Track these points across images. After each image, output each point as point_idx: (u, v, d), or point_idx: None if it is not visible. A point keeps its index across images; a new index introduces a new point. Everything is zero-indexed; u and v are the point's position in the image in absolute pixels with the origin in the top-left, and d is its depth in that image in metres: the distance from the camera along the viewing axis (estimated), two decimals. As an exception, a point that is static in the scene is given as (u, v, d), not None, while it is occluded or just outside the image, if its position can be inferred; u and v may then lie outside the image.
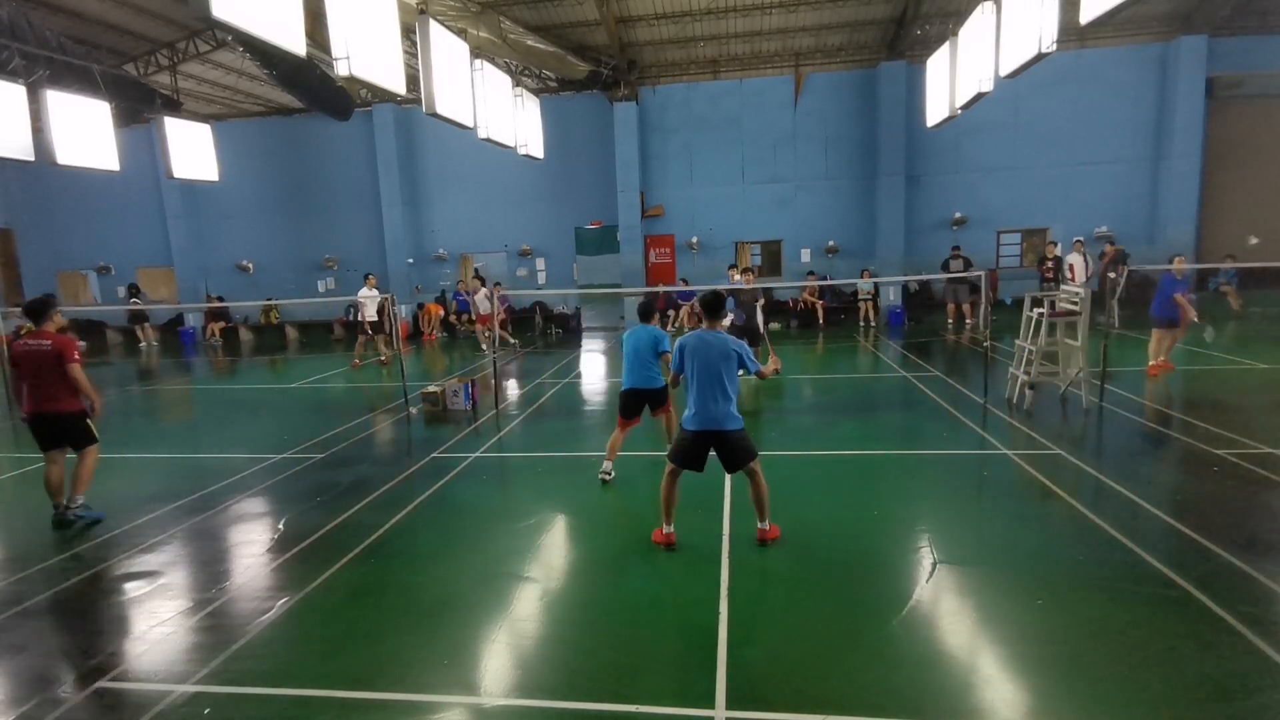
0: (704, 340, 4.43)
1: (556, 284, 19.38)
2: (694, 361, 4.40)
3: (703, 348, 4.40)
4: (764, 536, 4.61)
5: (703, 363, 4.37)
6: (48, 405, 5.44)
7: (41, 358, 5.35)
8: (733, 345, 4.41)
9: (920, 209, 17.67)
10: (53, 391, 5.41)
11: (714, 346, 4.39)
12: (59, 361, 5.35)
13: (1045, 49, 8.16)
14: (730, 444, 4.42)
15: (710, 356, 4.36)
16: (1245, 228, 16.26)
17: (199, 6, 6.04)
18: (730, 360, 4.37)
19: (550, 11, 15.06)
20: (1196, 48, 15.77)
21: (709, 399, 4.36)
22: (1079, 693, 3.03)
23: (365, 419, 9.03)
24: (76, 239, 21.31)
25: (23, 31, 12.47)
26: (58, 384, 5.39)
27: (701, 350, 4.40)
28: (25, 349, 5.41)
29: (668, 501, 4.60)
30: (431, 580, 4.43)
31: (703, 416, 4.39)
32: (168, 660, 3.58)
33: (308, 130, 19.79)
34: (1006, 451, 6.52)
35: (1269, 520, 4.81)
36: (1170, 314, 9.12)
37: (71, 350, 5.42)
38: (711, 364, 4.35)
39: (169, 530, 5.45)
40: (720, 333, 4.50)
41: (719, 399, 4.36)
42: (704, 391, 4.37)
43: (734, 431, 4.40)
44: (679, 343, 4.56)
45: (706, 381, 4.37)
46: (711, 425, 4.38)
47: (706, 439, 4.43)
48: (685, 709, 3.05)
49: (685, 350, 4.47)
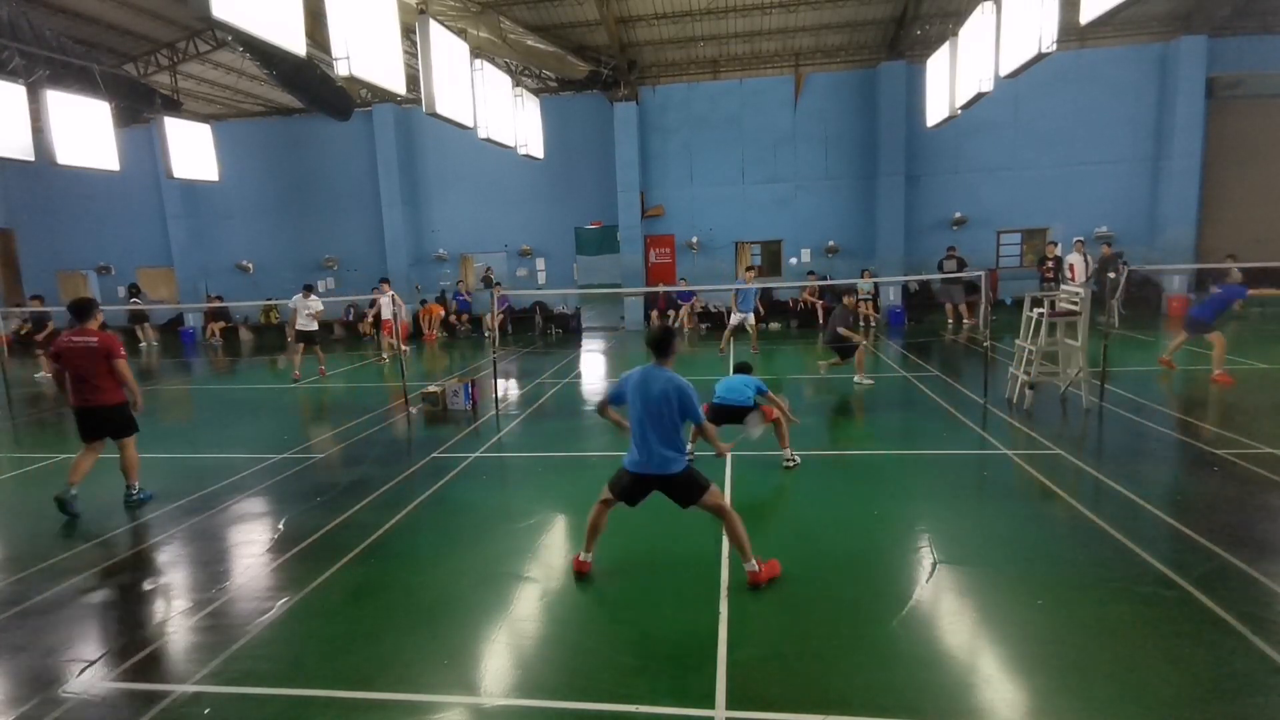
0: (648, 378, 4.05)
1: (556, 284, 19.38)
2: (635, 399, 4.06)
3: (644, 386, 4.03)
4: (755, 580, 4.04)
5: (643, 402, 4.01)
6: (94, 398, 5.71)
7: (89, 353, 5.64)
8: (674, 388, 3.99)
9: (920, 209, 17.67)
10: (99, 384, 5.68)
11: (656, 386, 4.00)
12: (106, 357, 5.65)
13: (1045, 49, 8.15)
14: (675, 486, 4.10)
15: (651, 397, 3.99)
16: (1245, 228, 16.25)
17: (199, 6, 6.04)
18: (670, 404, 3.97)
19: (550, 11, 15.06)
20: (1196, 48, 15.78)
21: (649, 441, 4.01)
22: (1079, 693, 3.03)
23: (365, 419, 9.03)
24: (76, 239, 21.31)
25: (23, 31, 12.47)
26: (104, 378, 5.68)
27: (643, 389, 4.03)
28: (71, 345, 5.65)
29: (593, 528, 4.34)
30: (431, 580, 4.43)
31: (642, 459, 4.05)
32: (168, 660, 3.58)
33: (308, 130, 19.80)
34: (1006, 451, 6.52)
35: (1269, 520, 4.81)
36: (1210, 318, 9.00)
37: (118, 347, 5.74)
38: (652, 405, 3.98)
39: (169, 530, 5.46)
40: (667, 372, 4.08)
41: (658, 442, 4.00)
42: (644, 433, 4.02)
43: (676, 475, 4.06)
44: (624, 376, 4.20)
45: (646, 422, 4.01)
46: (651, 470, 4.05)
47: (647, 482, 4.13)
48: (685, 709, 3.05)
49: (628, 385, 4.13)
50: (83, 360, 5.64)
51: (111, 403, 5.79)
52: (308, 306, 12.03)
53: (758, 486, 5.94)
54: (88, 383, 5.67)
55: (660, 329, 4.28)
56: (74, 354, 5.64)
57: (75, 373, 5.66)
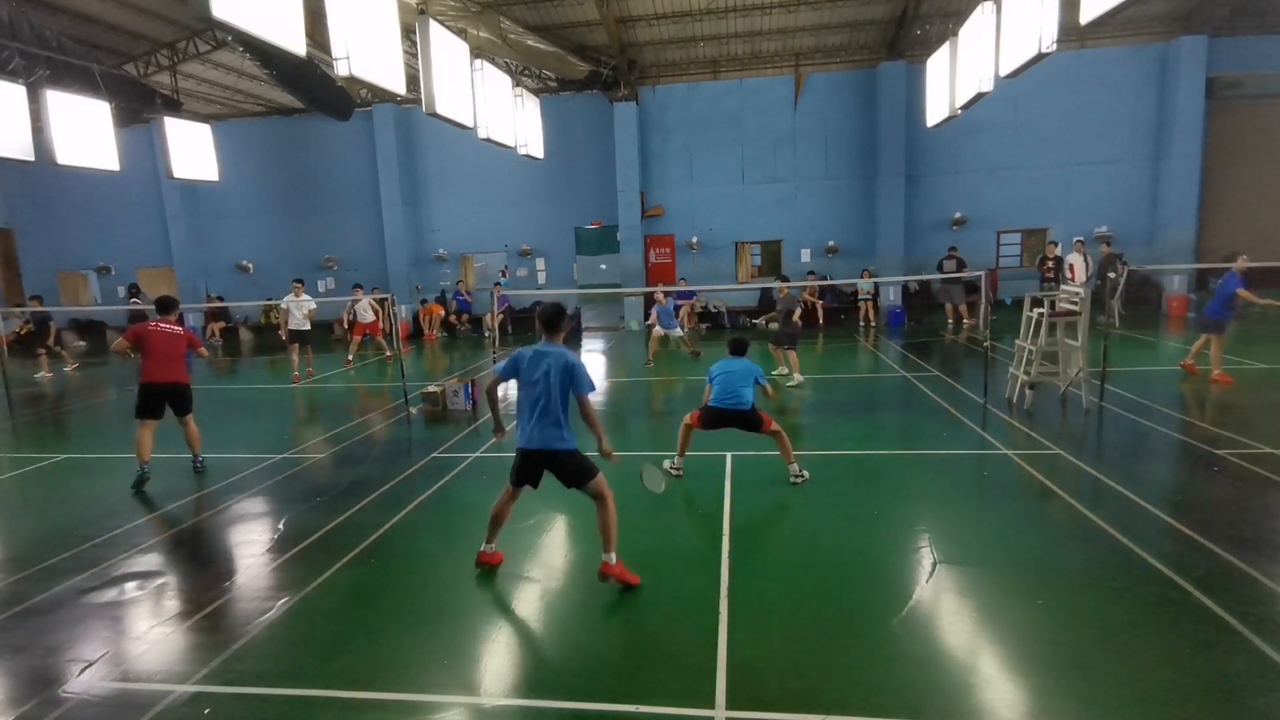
0: (539, 354, 4.11)
1: (556, 284, 19.38)
2: (526, 376, 4.11)
3: (536, 362, 4.10)
4: (606, 571, 4.08)
5: (533, 379, 4.08)
6: (171, 376, 6.64)
7: (174, 340, 6.69)
8: (567, 361, 4.07)
9: (920, 209, 17.67)
10: (177, 367, 6.71)
11: (546, 362, 4.07)
12: (189, 345, 6.84)
13: (1045, 49, 8.16)
14: (563, 464, 4.15)
15: (541, 373, 4.06)
16: (1245, 228, 16.25)
17: (199, 6, 6.04)
18: (563, 376, 4.04)
19: (550, 11, 15.06)
20: (1196, 48, 15.78)
21: (538, 417, 4.08)
22: (1079, 693, 3.03)
23: (365, 419, 9.03)
24: (76, 239, 21.32)
25: (23, 31, 12.47)
26: (180, 361, 6.77)
27: (533, 366, 4.10)
28: (159, 331, 6.63)
29: (497, 519, 4.41)
30: (431, 580, 4.43)
31: (532, 435, 4.11)
32: (168, 660, 3.58)
33: (308, 130, 19.80)
34: (1006, 451, 6.52)
35: (1269, 520, 4.81)
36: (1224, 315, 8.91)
37: (198, 342, 6.99)
38: (542, 381, 4.06)
39: (169, 530, 5.46)
40: (557, 347, 4.15)
41: (547, 417, 4.07)
42: (533, 409, 4.10)
43: (564, 452, 4.11)
44: (516, 352, 4.24)
45: (536, 398, 4.08)
46: (540, 445, 4.10)
47: (537, 458, 4.17)
48: (685, 709, 3.05)
49: (521, 362, 4.16)
50: (167, 344, 6.61)
51: (185, 381, 6.78)
52: (300, 305, 12.00)
53: (758, 486, 5.93)
54: (169, 364, 6.61)
55: (551, 305, 4.27)
56: (159, 338, 6.59)
57: (157, 354, 6.55)
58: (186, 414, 6.84)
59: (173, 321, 6.77)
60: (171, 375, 6.63)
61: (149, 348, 6.54)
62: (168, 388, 6.62)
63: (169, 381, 6.62)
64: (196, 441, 6.94)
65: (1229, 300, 8.87)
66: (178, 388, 6.70)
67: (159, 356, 6.55)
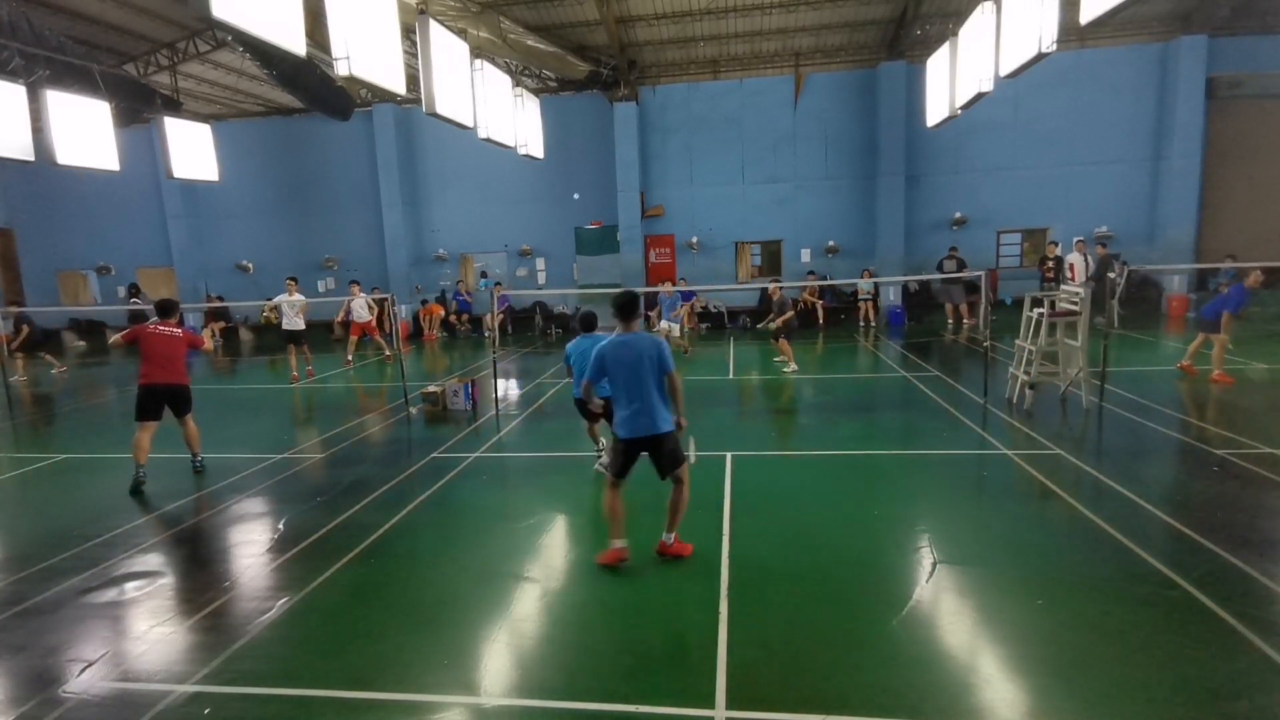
0: (625, 344, 4.24)
1: (556, 284, 19.38)
2: (617, 369, 4.23)
3: (625, 352, 4.22)
4: (664, 549, 4.42)
5: (628, 368, 4.19)
6: (169, 378, 6.61)
7: (174, 343, 6.66)
8: (656, 344, 4.26)
9: (920, 209, 17.67)
10: (176, 368, 6.67)
11: (636, 349, 4.21)
12: (190, 345, 6.84)
13: (1045, 49, 8.15)
14: (663, 445, 4.28)
15: (634, 360, 4.19)
16: (1245, 228, 16.25)
17: (199, 6, 6.04)
18: (655, 361, 4.20)
19: (550, 11, 15.06)
20: (1196, 48, 15.78)
21: (641, 404, 4.19)
22: (1079, 693, 3.03)
23: (365, 419, 9.03)
24: (76, 239, 21.31)
25: (23, 31, 12.47)
26: (179, 362, 6.71)
27: (625, 355, 4.22)
28: (159, 333, 6.60)
29: (615, 515, 4.40)
30: (431, 580, 4.43)
31: (638, 423, 4.21)
32: (168, 660, 3.58)
33: (308, 130, 19.80)
34: (1006, 451, 6.52)
35: (1269, 520, 4.81)
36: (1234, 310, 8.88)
37: (199, 340, 7.03)
38: (637, 367, 4.18)
39: (169, 530, 5.46)
40: (641, 334, 4.31)
41: (649, 402, 4.20)
42: (632, 397, 4.20)
43: (668, 434, 4.26)
44: (597, 351, 4.34)
45: (635, 387, 4.20)
46: (647, 431, 4.22)
47: (642, 444, 4.28)
48: (685, 709, 3.05)
49: (605, 358, 4.28)
50: (165, 346, 6.59)
51: (183, 383, 6.74)
52: (293, 303, 11.97)
53: (758, 486, 5.93)
54: (168, 366, 6.58)
55: (624, 294, 4.39)
56: (157, 340, 6.56)
57: (155, 356, 6.52)
58: (186, 414, 6.84)
59: (173, 324, 6.76)
60: (169, 377, 6.62)
61: (147, 350, 6.54)
62: (166, 389, 6.62)
63: (167, 383, 6.61)
64: (196, 441, 6.94)
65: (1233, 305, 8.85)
66: (177, 389, 6.70)
67: (157, 359, 6.54)
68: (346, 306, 14.39)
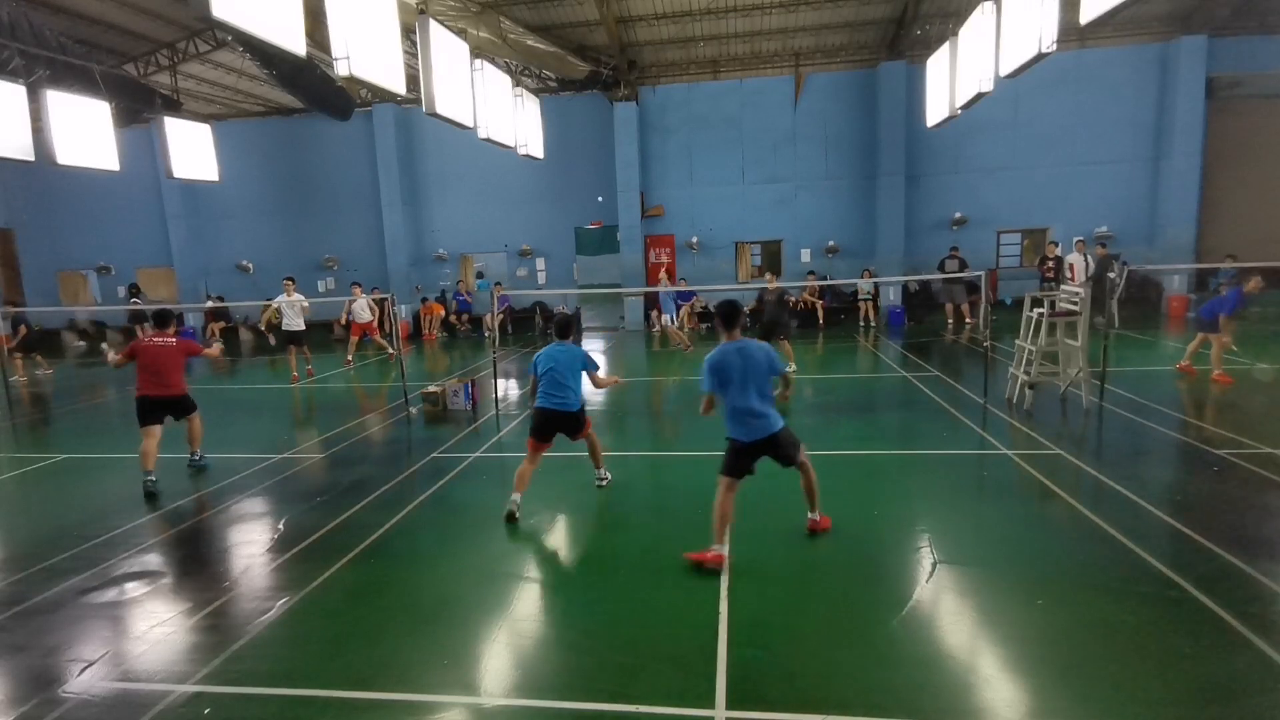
0: (739, 351, 4.37)
1: (556, 284, 19.38)
2: (735, 373, 4.34)
3: (737, 359, 4.35)
4: (815, 527, 4.77)
5: (748, 372, 4.34)
6: (164, 390, 6.60)
7: (168, 353, 6.62)
8: (764, 348, 4.44)
9: (920, 209, 17.67)
10: (171, 380, 6.64)
11: (747, 355, 4.36)
12: (187, 353, 6.84)
13: (1045, 49, 8.16)
14: (781, 442, 4.45)
15: (747, 365, 4.34)
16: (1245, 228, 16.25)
17: (199, 6, 6.04)
18: (767, 365, 4.39)
19: (550, 11, 15.06)
20: (1196, 48, 15.78)
21: (756, 408, 4.34)
22: (1079, 693, 3.03)
23: (365, 419, 9.03)
24: (76, 239, 21.31)
25: (23, 31, 12.46)
26: (175, 373, 6.67)
27: (737, 362, 4.35)
28: (153, 345, 6.60)
29: (725, 518, 4.41)
30: (431, 580, 4.43)
31: (754, 426, 4.35)
32: (168, 660, 3.58)
33: (308, 130, 19.80)
34: (1006, 451, 6.52)
35: (1269, 520, 4.81)
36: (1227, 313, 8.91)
37: (197, 348, 7.08)
38: (751, 372, 4.34)
39: (169, 530, 5.46)
40: (752, 340, 4.48)
41: (763, 405, 4.37)
42: (749, 402, 4.33)
43: (783, 430, 4.44)
44: (711, 362, 4.42)
45: (750, 390, 4.34)
46: (764, 433, 4.36)
47: (760, 447, 4.42)
48: (685, 709, 3.05)
49: (718, 368, 4.37)
50: (159, 358, 6.57)
51: (181, 393, 6.76)
52: (293, 304, 11.96)
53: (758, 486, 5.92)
54: (162, 375, 6.57)
55: (728, 303, 4.53)
56: (151, 352, 6.56)
57: (149, 368, 6.52)
58: (190, 415, 6.91)
59: (168, 334, 6.73)
60: (164, 389, 6.60)
61: (142, 362, 6.56)
62: (161, 401, 6.63)
63: (162, 395, 6.61)
64: (197, 440, 6.96)
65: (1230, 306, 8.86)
66: (172, 400, 6.70)
67: (151, 370, 6.54)
68: (348, 307, 14.39)
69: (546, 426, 5.43)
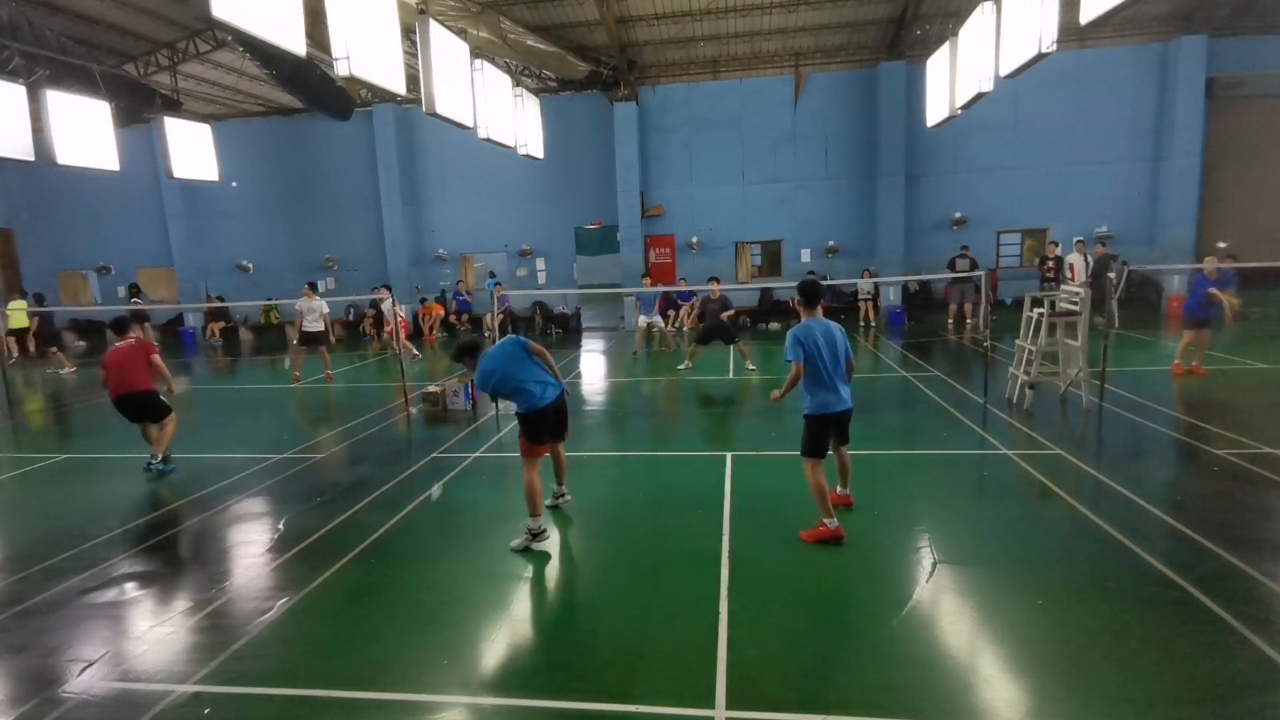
0: (823, 329, 4.62)
1: (556, 284, 19.38)
2: (819, 348, 4.55)
3: (824, 335, 4.58)
4: (839, 500, 5.06)
5: (829, 348, 4.57)
6: (128, 387, 6.77)
7: (128, 353, 6.84)
8: (840, 327, 4.72)
9: (920, 209, 17.67)
10: (135, 377, 6.81)
11: (831, 332, 4.63)
12: (145, 353, 6.94)
13: (1045, 49, 8.15)
14: (848, 420, 4.77)
15: (831, 343, 4.59)
16: (1245, 228, 16.25)
17: (199, 6, 6.04)
18: (844, 344, 4.66)
19: (550, 11, 15.06)
20: (1196, 48, 15.77)
21: (838, 382, 4.59)
22: (1079, 693, 3.03)
23: (365, 419, 9.03)
24: (76, 239, 21.31)
25: (23, 31, 12.46)
26: (139, 371, 6.84)
27: (824, 338, 4.58)
28: (115, 350, 6.86)
29: (823, 491, 4.63)
30: (431, 580, 4.43)
31: (833, 399, 4.59)
32: (168, 660, 3.58)
33: (308, 130, 19.79)
34: (1006, 451, 6.52)
35: (1269, 520, 4.81)
36: (1201, 314, 9.10)
37: (152, 347, 7.10)
38: (835, 349, 4.60)
39: (168, 530, 5.46)
40: (826, 320, 4.72)
41: (842, 380, 4.63)
42: (831, 377, 4.57)
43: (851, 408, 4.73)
44: (793, 335, 4.63)
45: (834, 365, 4.58)
46: (844, 406, 4.64)
47: (833, 419, 4.66)
48: (685, 709, 3.05)
49: (806, 341, 4.57)
50: (122, 359, 6.80)
51: (143, 389, 6.85)
52: (313, 308, 11.98)
53: (758, 486, 5.93)
54: (126, 374, 6.76)
55: (810, 282, 4.86)
56: (115, 356, 6.81)
57: (115, 369, 6.76)
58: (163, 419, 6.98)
59: (129, 338, 7.01)
60: (129, 385, 6.79)
61: (109, 368, 6.83)
62: (129, 398, 6.83)
63: (128, 392, 6.81)
64: (161, 443, 6.93)
65: (1199, 300, 9.08)
66: (139, 396, 6.86)
67: (116, 371, 6.81)
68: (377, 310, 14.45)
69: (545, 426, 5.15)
